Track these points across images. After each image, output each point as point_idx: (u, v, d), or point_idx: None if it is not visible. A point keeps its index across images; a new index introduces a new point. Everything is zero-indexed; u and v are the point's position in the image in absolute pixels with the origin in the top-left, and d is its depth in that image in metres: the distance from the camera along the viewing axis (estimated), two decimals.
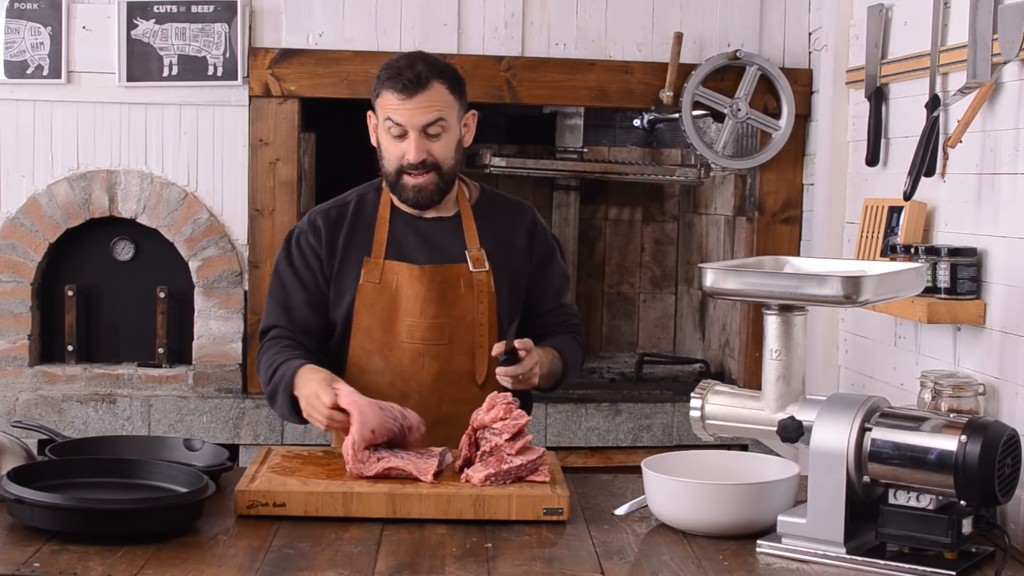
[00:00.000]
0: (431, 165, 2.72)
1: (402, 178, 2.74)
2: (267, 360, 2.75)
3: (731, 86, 4.25)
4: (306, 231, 2.83)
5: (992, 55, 2.75)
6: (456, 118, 2.75)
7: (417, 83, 2.68)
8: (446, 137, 2.73)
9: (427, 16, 4.20)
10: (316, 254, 2.81)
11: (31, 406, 4.12)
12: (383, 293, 2.77)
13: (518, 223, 2.89)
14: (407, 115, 2.69)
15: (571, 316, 2.97)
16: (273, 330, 2.82)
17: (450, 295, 2.78)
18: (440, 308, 2.77)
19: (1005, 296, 2.73)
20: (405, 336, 2.77)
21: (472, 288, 2.79)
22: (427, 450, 2.54)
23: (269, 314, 2.84)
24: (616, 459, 4.31)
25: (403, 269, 2.78)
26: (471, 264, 2.80)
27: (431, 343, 2.77)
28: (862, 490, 2.20)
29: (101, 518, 2.16)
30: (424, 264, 2.78)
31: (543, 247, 2.92)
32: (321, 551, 2.16)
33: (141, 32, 4.11)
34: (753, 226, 4.38)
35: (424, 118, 2.69)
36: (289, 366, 2.67)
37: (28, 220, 4.15)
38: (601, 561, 2.15)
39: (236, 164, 4.20)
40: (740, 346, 4.47)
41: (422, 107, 2.68)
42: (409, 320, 2.77)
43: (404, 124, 2.69)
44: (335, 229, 2.81)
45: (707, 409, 2.39)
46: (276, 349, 2.76)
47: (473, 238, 2.82)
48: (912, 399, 2.75)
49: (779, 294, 2.27)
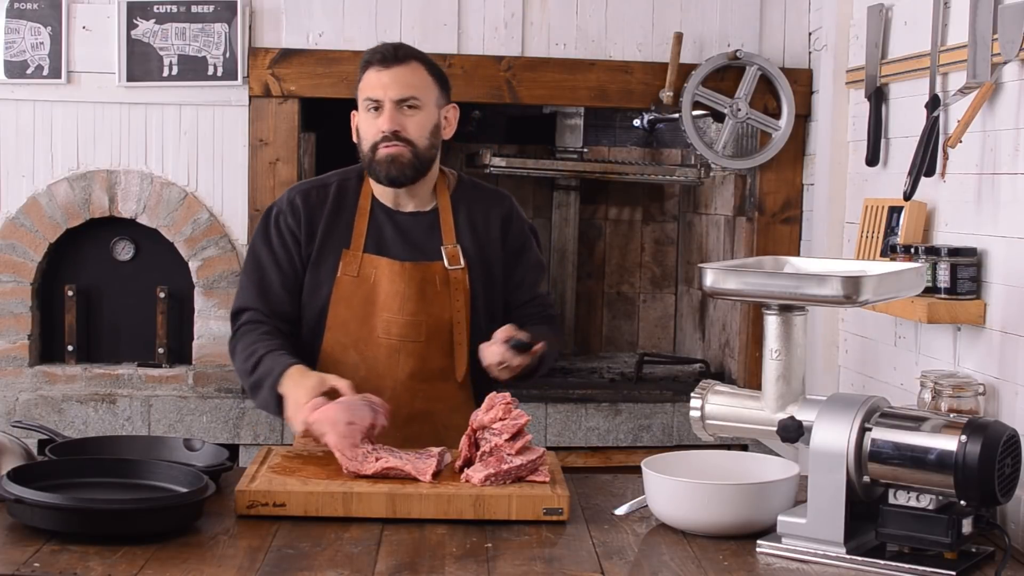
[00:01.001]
0: (404, 139, 2.73)
1: (376, 152, 2.74)
2: (246, 347, 2.73)
3: (731, 86, 4.25)
4: (285, 211, 2.81)
5: (992, 55, 2.75)
6: (433, 101, 2.77)
7: (395, 57, 2.74)
8: (420, 116, 2.74)
9: (427, 16, 4.20)
10: (294, 235, 2.80)
11: (31, 406, 4.12)
12: (360, 287, 2.77)
13: (494, 213, 2.89)
14: (382, 86, 2.72)
15: (547, 307, 2.97)
16: (248, 312, 2.80)
17: (428, 292, 2.78)
18: (419, 305, 2.77)
19: (1005, 296, 2.73)
20: (381, 332, 2.77)
21: (448, 285, 2.79)
22: (426, 450, 2.54)
23: (243, 294, 2.82)
24: (616, 459, 4.31)
25: (382, 264, 2.77)
26: (446, 261, 2.80)
27: (407, 340, 2.77)
28: (862, 490, 2.20)
29: (101, 518, 2.16)
30: (403, 260, 2.78)
31: (517, 238, 2.91)
32: (321, 551, 2.16)
33: (141, 32, 4.11)
34: (753, 226, 4.38)
35: (399, 91, 2.72)
36: (276, 362, 2.65)
37: (28, 220, 4.15)
38: (601, 561, 2.15)
39: (236, 164, 4.20)
40: (740, 346, 4.46)
41: (397, 80, 2.72)
42: (386, 316, 2.77)
43: (380, 98, 2.72)
44: (315, 212, 2.80)
45: (707, 409, 2.39)
46: (255, 336, 2.74)
47: (449, 233, 2.82)
48: (912, 399, 2.75)
49: (779, 294, 2.27)
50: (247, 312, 2.80)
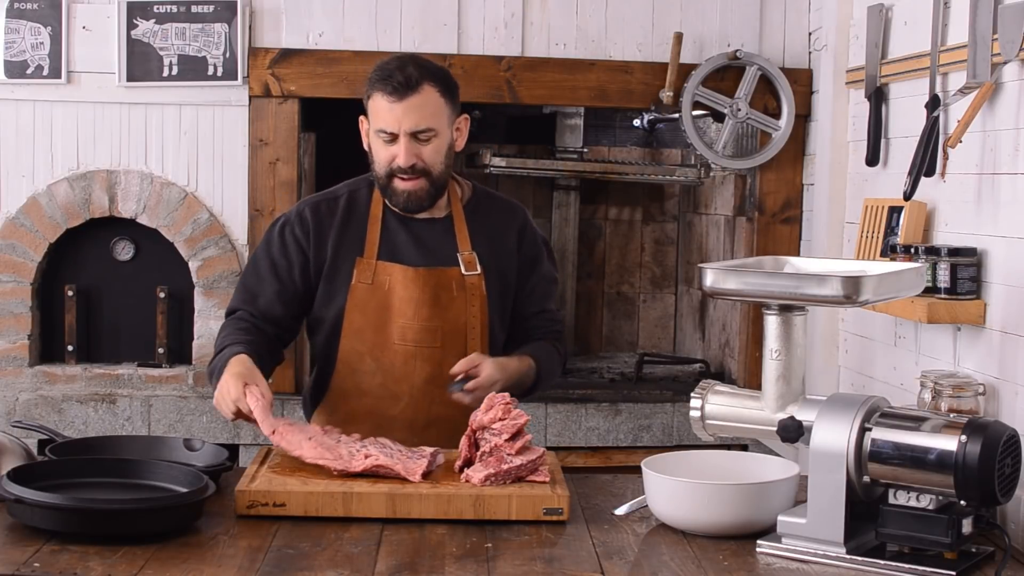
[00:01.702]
0: (421, 170, 2.70)
1: (392, 182, 2.73)
2: (220, 339, 2.75)
3: (731, 86, 4.25)
4: (293, 222, 2.81)
5: (992, 55, 2.75)
6: (447, 123, 2.73)
7: (407, 86, 2.65)
8: (436, 142, 2.71)
9: (427, 16, 4.20)
10: (300, 247, 2.79)
11: (31, 406, 4.12)
12: (375, 294, 2.76)
13: (509, 224, 2.88)
14: (396, 119, 2.67)
15: (554, 322, 2.95)
16: (237, 312, 2.81)
17: (443, 298, 2.77)
18: (433, 311, 2.76)
19: (1005, 296, 2.73)
20: (397, 338, 2.77)
21: (464, 291, 2.78)
22: (419, 449, 2.53)
23: (237, 296, 2.84)
24: (616, 459, 4.31)
25: (396, 270, 2.77)
26: (463, 267, 2.79)
27: (423, 345, 2.77)
28: (862, 490, 2.20)
29: (101, 518, 2.16)
30: (417, 266, 2.77)
31: (531, 249, 2.90)
32: (321, 551, 2.16)
33: (141, 32, 4.11)
34: (753, 226, 4.38)
35: (413, 123, 2.67)
36: (231, 351, 2.64)
37: (28, 220, 4.15)
38: (601, 561, 2.15)
39: (236, 164, 4.20)
40: (740, 346, 4.46)
41: (411, 111, 2.66)
42: (402, 322, 2.76)
43: (393, 129, 2.67)
44: (324, 225, 2.80)
45: (707, 409, 2.39)
46: (230, 330, 2.75)
47: (465, 240, 2.81)
48: (912, 399, 2.75)
49: (779, 294, 2.27)
50: (236, 312, 2.82)
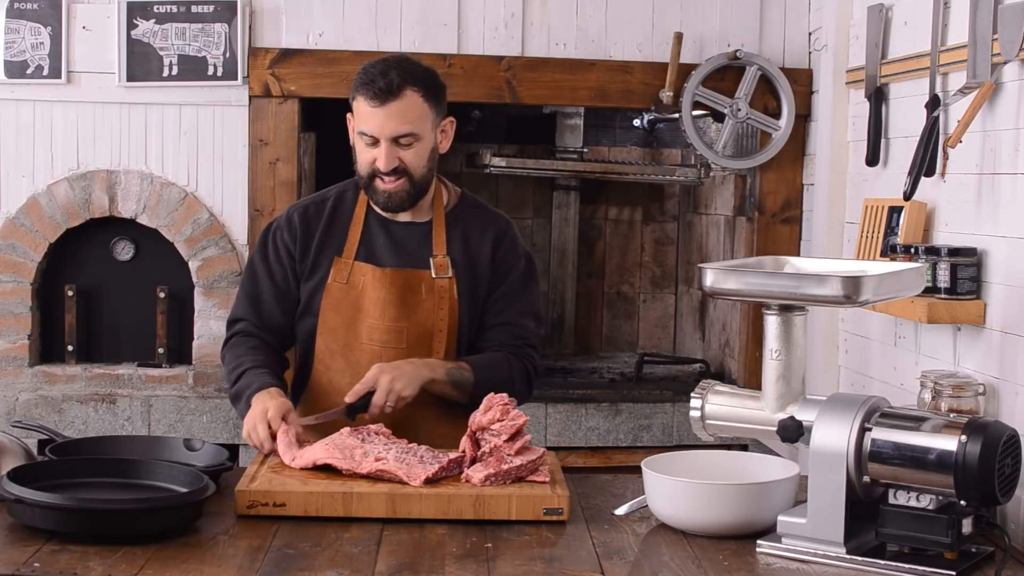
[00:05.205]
0: (402, 171, 2.72)
1: (374, 182, 2.75)
2: (234, 358, 2.81)
3: (731, 86, 4.25)
4: (282, 227, 2.86)
5: (992, 55, 2.75)
6: (430, 127, 2.73)
7: (388, 91, 2.67)
8: (418, 146, 2.72)
9: (427, 16, 4.20)
10: (289, 251, 2.84)
11: (31, 406, 4.12)
12: (349, 294, 2.79)
13: (487, 232, 2.86)
14: (378, 124, 2.68)
15: (519, 337, 2.85)
16: (240, 323, 2.87)
17: (411, 299, 2.78)
18: (400, 311, 2.77)
19: (1005, 296, 2.73)
20: (365, 337, 2.79)
21: (433, 294, 2.79)
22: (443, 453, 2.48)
23: (238, 305, 2.89)
24: (616, 459, 4.31)
25: (368, 271, 2.79)
26: (434, 270, 2.80)
27: (388, 346, 2.78)
28: (862, 490, 2.20)
29: (101, 518, 2.16)
30: (389, 267, 2.79)
31: (506, 261, 2.86)
32: (321, 551, 2.16)
33: (141, 32, 4.11)
34: (753, 226, 4.38)
35: (394, 129, 2.68)
36: (256, 379, 2.71)
37: (28, 220, 4.15)
38: (601, 561, 2.15)
39: (236, 164, 4.20)
40: (740, 346, 4.46)
41: (392, 117, 2.68)
42: (370, 322, 2.79)
43: (375, 133, 2.69)
44: (310, 227, 2.84)
45: (707, 409, 2.39)
46: (243, 348, 2.81)
47: (441, 244, 2.82)
48: (912, 399, 2.75)
49: (779, 294, 2.27)
50: (240, 323, 2.88)
